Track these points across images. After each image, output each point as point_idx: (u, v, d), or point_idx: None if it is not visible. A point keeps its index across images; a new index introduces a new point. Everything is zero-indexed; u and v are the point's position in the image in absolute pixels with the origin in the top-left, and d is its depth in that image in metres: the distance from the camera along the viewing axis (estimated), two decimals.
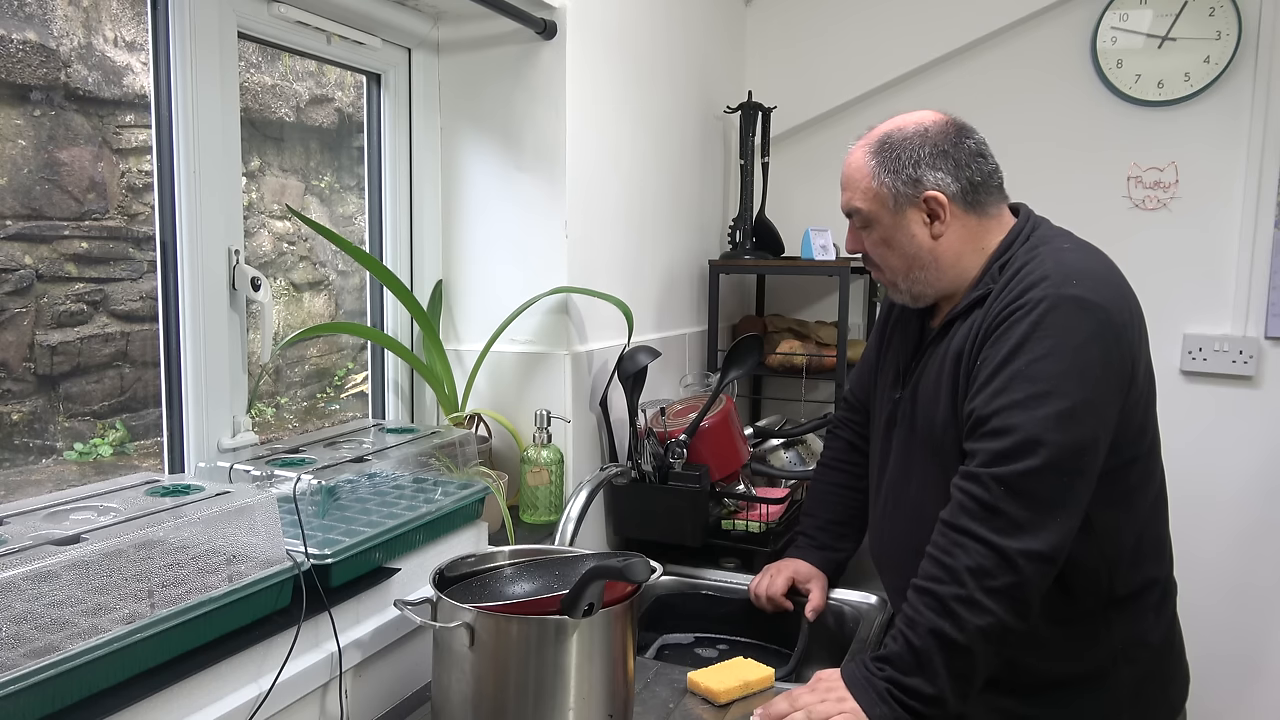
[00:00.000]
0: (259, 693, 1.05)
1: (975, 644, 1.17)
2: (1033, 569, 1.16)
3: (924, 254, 1.37)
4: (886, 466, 1.47)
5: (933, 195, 1.33)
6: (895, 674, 1.20)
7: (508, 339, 1.79)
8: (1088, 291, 1.23)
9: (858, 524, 1.71)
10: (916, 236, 1.36)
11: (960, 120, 1.38)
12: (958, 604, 1.17)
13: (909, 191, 1.34)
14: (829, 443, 1.77)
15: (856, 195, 1.38)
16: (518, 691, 1.08)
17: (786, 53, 2.84)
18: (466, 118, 1.85)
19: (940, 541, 1.22)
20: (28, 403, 1.41)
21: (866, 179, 1.37)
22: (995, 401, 1.21)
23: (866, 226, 1.39)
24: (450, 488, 1.43)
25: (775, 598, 1.66)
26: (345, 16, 1.60)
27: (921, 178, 1.34)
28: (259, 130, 1.79)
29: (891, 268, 1.40)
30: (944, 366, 1.34)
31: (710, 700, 1.34)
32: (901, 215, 1.36)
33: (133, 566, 0.94)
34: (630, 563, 1.06)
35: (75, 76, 1.41)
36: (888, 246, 1.38)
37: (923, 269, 1.38)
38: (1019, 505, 1.17)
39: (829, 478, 1.73)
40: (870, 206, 1.37)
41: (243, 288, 1.41)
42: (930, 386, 1.36)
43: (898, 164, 1.34)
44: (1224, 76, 2.44)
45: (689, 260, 2.46)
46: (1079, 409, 1.18)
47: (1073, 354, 1.20)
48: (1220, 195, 2.49)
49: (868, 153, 1.38)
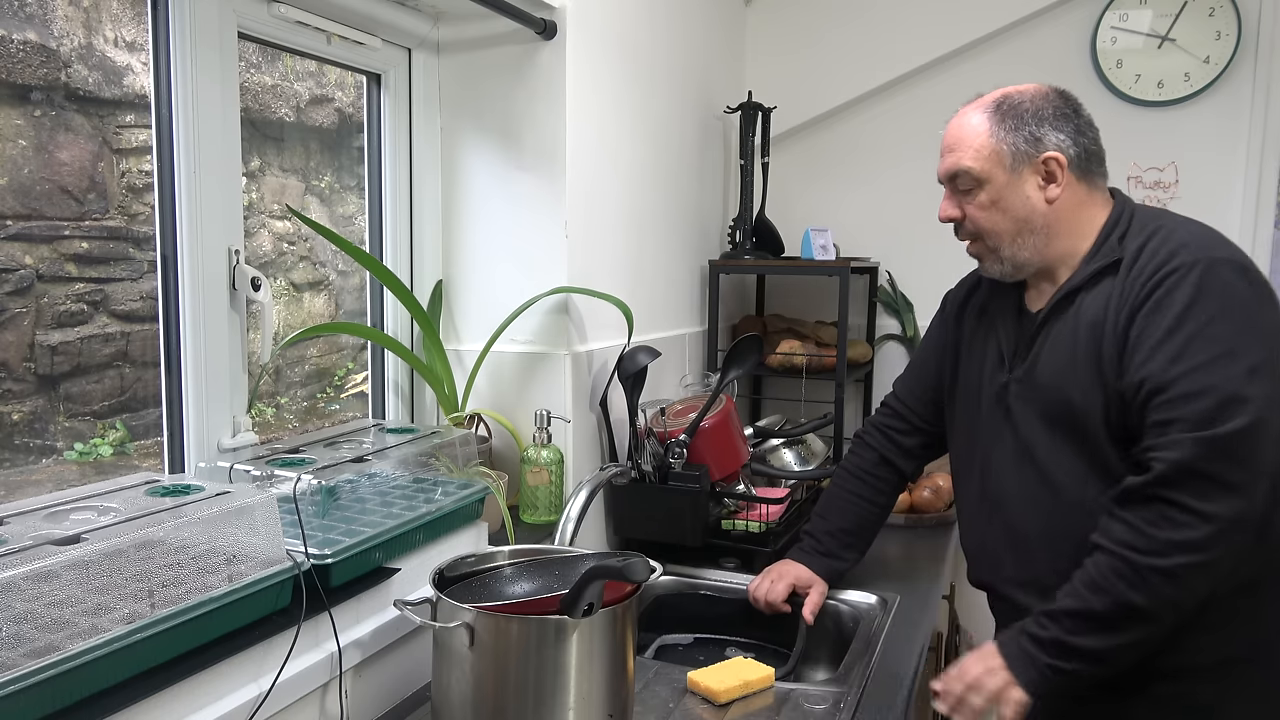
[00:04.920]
0: (259, 693, 1.05)
1: (1164, 615, 1.18)
2: (1240, 536, 1.15)
3: (1036, 217, 1.35)
4: (991, 453, 1.42)
5: (1053, 156, 1.33)
6: (1062, 634, 1.21)
7: (508, 339, 1.79)
8: (1236, 254, 1.24)
9: (867, 536, 1.70)
10: (1031, 199, 1.34)
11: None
12: (1155, 575, 1.16)
13: (1029, 150, 1.33)
14: (857, 449, 1.73)
15: (967, 155, 1.35)
16: (518, 691, 1.08)
17: (786, 53, 2.84)
18: (466, 118, 1.85)
19: (1143, 513, 1.18)
20: (28, 403, 1.41)
21: (982, 137, 1.35)
22: (1176, 367, 1.18)
23: (972, 189, 1.36)
24: (450, 488, 1.43)
25: (775, 604, 1.65)
26: (345, 16, 1.60)
27: (1043, 137, 1.33)
28: (259, 130, 1.79)
29: (997, 232, 1.36)
30: (1076, 338, 1.31)
31: (710, 700, 1.34)
32: (1018, 175, 1.34)
33: (133, 566, 0.94)
34: (630, 563, 1.06)
35: (75, 76, 1.41)
36: (997, 209, 1.35)
37: (1033, 234, 1.36)
38: (1230, 466, 1.14)
39: (851, 486, 1.70)
40: (983, 166, 1.34)
41: (243, 288, 1.41)
42: (1059, 361, 1.33)
43: (1019, 121, 1.34)
44: (1224, 76, 2.44)
45: (689, 260, 2.46)
46: (1263, 366, 1.16)
47: (1242, 313, 1.19)
48: (1220, 195, 2.48)
49: (983, 112, 1.36)
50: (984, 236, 1.38)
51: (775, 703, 1.35)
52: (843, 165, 2.82)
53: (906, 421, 1.68)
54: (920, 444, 1.68)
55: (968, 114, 1.39)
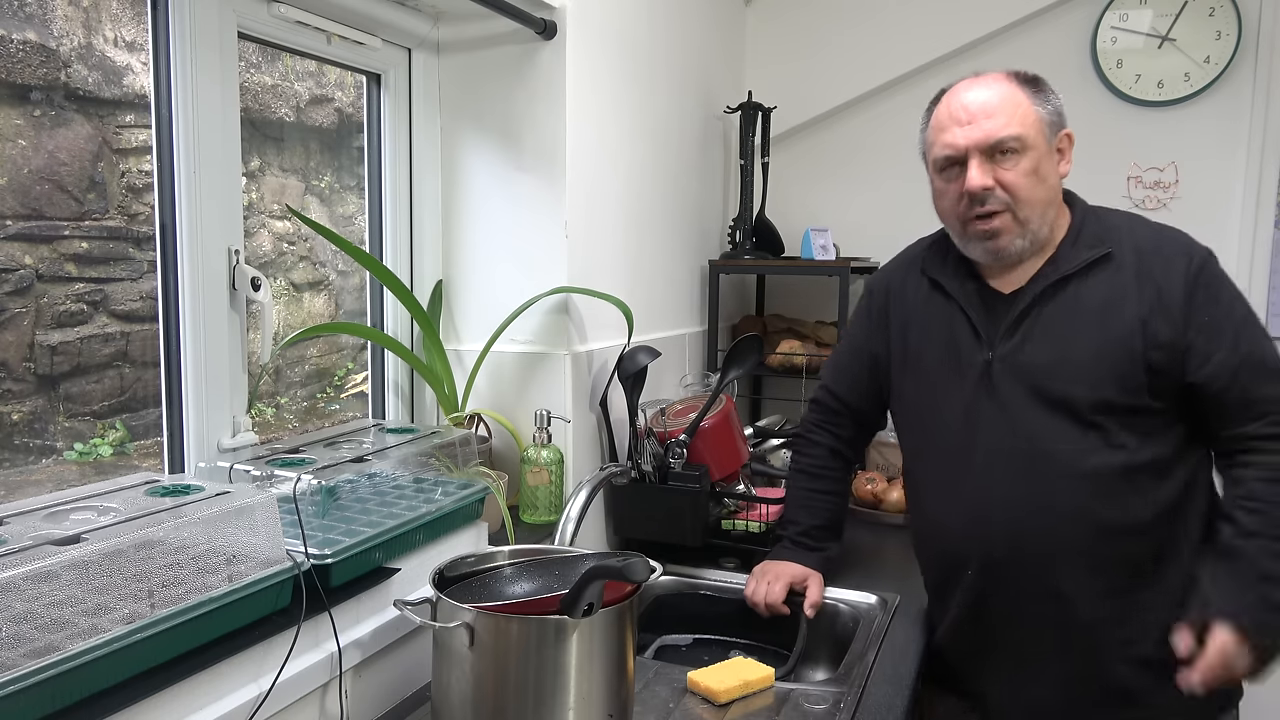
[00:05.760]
0: (259, 693, 1.05)
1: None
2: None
3: (1057, 194, 1.40)
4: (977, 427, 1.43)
5: (1069, 133, 1.40)
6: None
7: (508, 339, 1.79)
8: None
9: (840, 526, 1.75)
10: (1057, 172, 1.39)
11: None
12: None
13: (1057, 124, 1.38)
14: (805, 450, 1.76)
15: (1013, 121, 1.34)
16: (518, 691, 1.08)
17: (786, 52, 2.84)
18: (466, 118, 1.85)
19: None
20: (28, 403, 1.41)
21: (1024, 104, 1.36)
22: (1261, 346, 1.35)
23: (1015, 153, 1.35)
24: (450, 488, 1.43)
25: (775, 605, 1.64)
26: (345, 16, 1.60)
27: (1063, 113, 1.39)
28: (259, 130, 1.79)
29: (1033, 201, 1.36)
30: (1076, 322, 1.36)
31: (710, 700, 1.34)
32: (1050, 147, 1.38)
33: (133, 566, 0.94)
34: (630, 562, 1.06)
35: (75, 76, 1.41)
36: (1037, 177, 1.36)
37: (1054, 208, 1.40)
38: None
39: (812, 485, 1.73)
40: (1030, 133, 1.35)
41: (243, 288, 1.41)
42: (1055, 342, 1.37)
43: (1045, 96, 1.38)
44: (1224, 76, 2.44)
45: (689, 260, 2.46)
46: None
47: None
48: (1220, 195, 2.49)
49: (1013, 82, 1.38)
50: (1018, 206, 1.36)
51: (775, 703, 1.35)
52: (843, 165, 2.82)
53: (845, 414, 1.72)
54: (859, 432, 1.75)
55: (992, 84, 1.38)
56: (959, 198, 1.39)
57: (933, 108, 1.44)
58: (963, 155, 1.37)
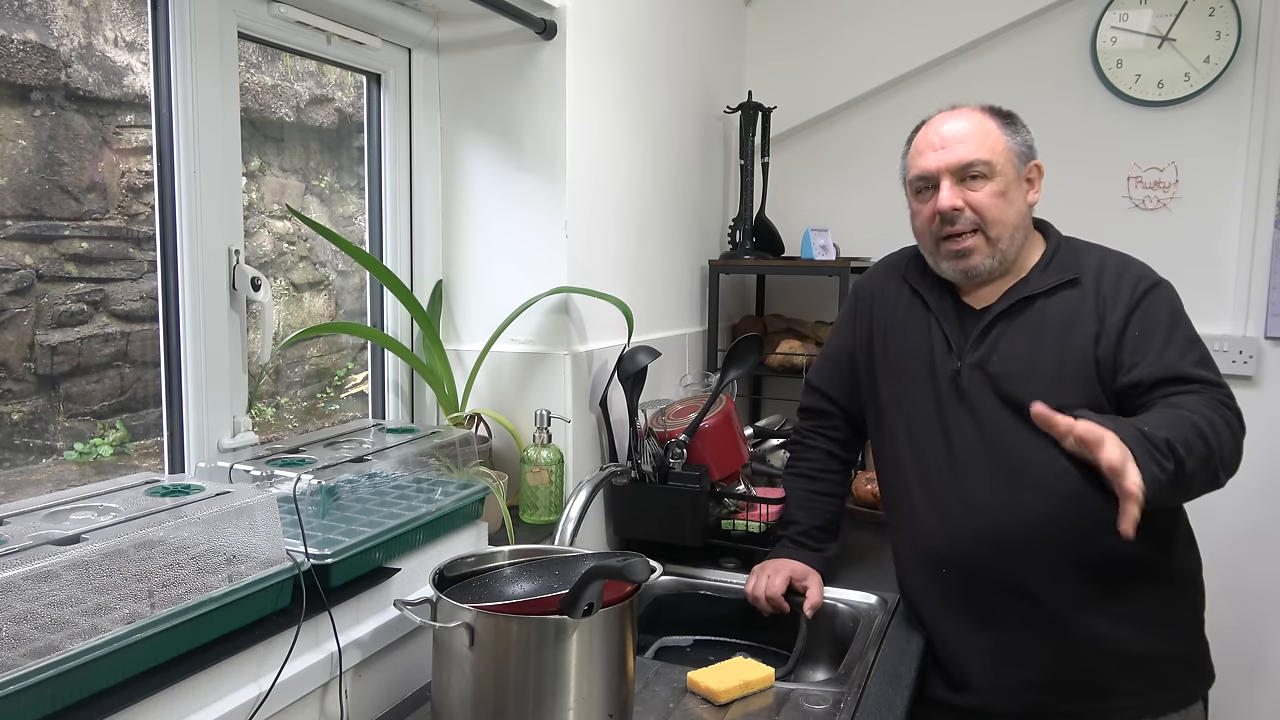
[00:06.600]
0: (259, 693, 1.05)
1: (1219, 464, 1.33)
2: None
3: (1025, 219, 1.50)
4: (950, 431, 1.50)
5: (1038, 165, 1.51)
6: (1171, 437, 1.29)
7: (508, 339, 1.79)
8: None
9: (838, 526, 1.79)
10: (1024, 199, 1.49)
11: None
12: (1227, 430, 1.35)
13: (1026, 155, 1.49)
14: (801, 454, 1.81)
15: (983, 148, 1.45)
16: (518, 691, 1.08)
17: (786, 52, 2.84)
18: (466, 118, 1.85)
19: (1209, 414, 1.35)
20: (28, 403, 1.41)
21: (994, 133, 1.46)
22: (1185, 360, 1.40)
23: (984, 177, 1.45)
24: (450, 488, 1.43)
25: (775, 598, 1.66)
26: (345, 16, 1.60)
27: (1033, 146, 1.50)
28: (259, 130, 1.79)
29: (1003, 222, 1.46)
30: (1040, 336, 1.45)
31: (710, 700, 1.34)
32: (1019, 175, 1.48)
33: (133, 566, 0.94)
34: (630, 562, 1.06)
35: (75, 76, 1.41)
36: (1005, 200, 1.45)
37: (1023, 231, 1.49)
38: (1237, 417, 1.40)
39: (810, 487, 1.77)
40: (998, 159, 1.45)
41: (243, 288, 1.41)
42: (1019, 353, 1.45)
43: (1016, 130, 1.49)
44: (1224, 76, 2.44)
45: (689, 260, 2.46)
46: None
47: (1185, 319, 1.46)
48: (1220, 195, 2.48)
49: (985, 114, 1.49)
50: (987, 226, 1.46)
51: (775, 703, 1.35)
52: (843, 165, 2.82)
53: (837, 416, 1.77)
54: (853, 434, 1.80)
55: (966, 115, 1.49)
56: (931, 218, 1.48)
57: (912, 137, 1.55)
58: (935, 178, 1.47)
